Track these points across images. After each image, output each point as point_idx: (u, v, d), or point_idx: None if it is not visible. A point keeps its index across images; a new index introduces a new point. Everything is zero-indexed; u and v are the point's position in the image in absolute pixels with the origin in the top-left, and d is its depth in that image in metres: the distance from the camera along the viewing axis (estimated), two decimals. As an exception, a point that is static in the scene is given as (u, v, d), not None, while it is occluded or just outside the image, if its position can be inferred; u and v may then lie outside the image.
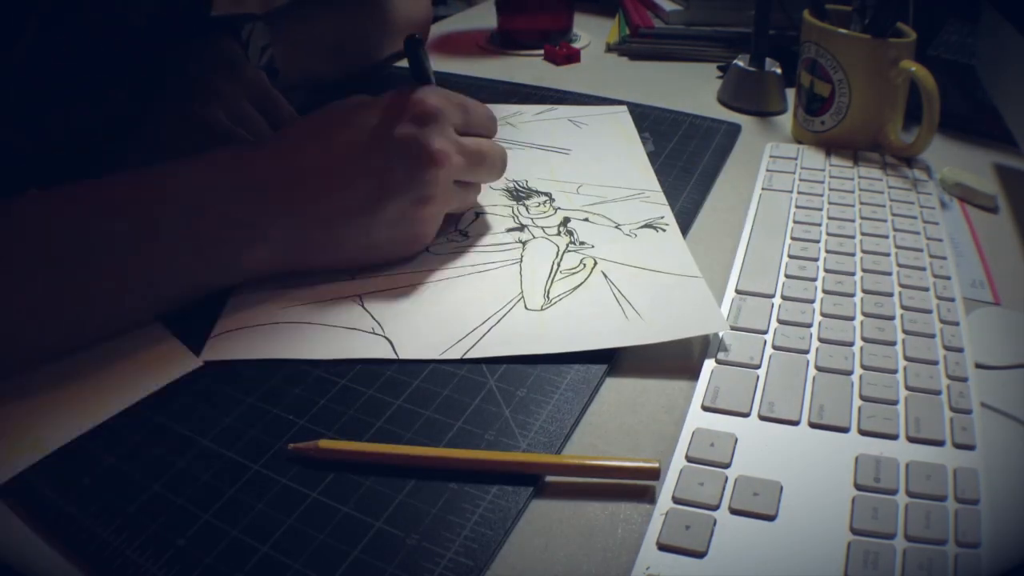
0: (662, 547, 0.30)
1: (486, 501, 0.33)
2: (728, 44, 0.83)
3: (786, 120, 0.69)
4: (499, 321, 0.43)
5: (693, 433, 0.35)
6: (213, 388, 0.39)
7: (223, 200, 0.41)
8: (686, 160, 0.61)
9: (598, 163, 0.60)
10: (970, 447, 0.34)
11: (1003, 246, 0.52)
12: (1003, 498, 0.32)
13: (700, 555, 0.30)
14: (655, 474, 0.34)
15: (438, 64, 0.82)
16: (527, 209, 0.53)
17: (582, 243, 0.49)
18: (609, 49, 0.88)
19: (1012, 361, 0.40)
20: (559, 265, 0.47)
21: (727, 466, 0.34)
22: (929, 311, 0.42)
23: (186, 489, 0.33)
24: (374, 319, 0.42)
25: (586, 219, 0.52)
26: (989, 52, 0.62)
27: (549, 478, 0.34)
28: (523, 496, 0.33)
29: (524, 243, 0.50)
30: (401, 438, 0.36)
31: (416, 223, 0.45)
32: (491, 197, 0.55)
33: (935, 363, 0.39)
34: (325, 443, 0.35)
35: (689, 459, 0.34)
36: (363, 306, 0.43)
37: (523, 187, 0.56)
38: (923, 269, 0.46)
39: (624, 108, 0.69)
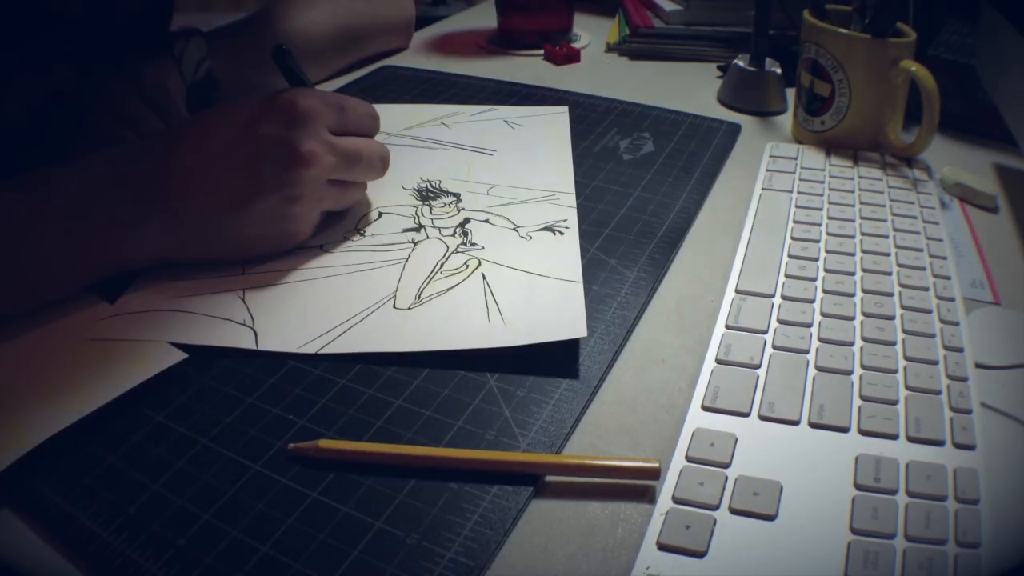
0: (662, 547, 0.30)
1: (486, 501, 0.33)
2: (728, 44, 0.83)
3: (786, 120, 0.69)
4: (363, 319, 0.43)
5: (693, 433, 0.35)
6: (213, 388, 0.39)
7: (102, 195, 0.43)
8: (686, 160, 0.61)
9: (518, 164, 0.60)
10: (970, 447, 0.34)
11: (1003, 246, 0.52)
12: (1003, 498, 0.32)
13: (700, 555, 0.30)
14: (655, 474, 0.34)
15: (439, 64, 0.83)
16: (431, 209, 0.54)
17: (473, 244, 0.50)
18: (609, 49, 0.88)
19: (1012, 361, 0.40)
20: (442, 266, 0.47)
21: (727, 466, 0.34)
22: (929, 311, 0.42)
23: (186, 489, 0.33)
24: (248, 311, 0.44)
25: (487, 220, 0.52)
26: (989, 52, 0.62)
27: (549, 478, 0.34)
28: (523, 496, 0.33)
29: (416, 243, 0.50)
30: (401, 438, 0.36)
31: (288, 220, 0.46)
32: (399, 197, 0.55)
33: (935, 363, 0.39)
34: (325, 443, 0.35)
35: (689, 459, 0.34)
36: (243, 300, 0.45)
37: (434, 187, 0.56)
38: (923, 269, 0.46)
39: (564, 109, 0.69)
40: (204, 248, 0.46)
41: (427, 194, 0.56)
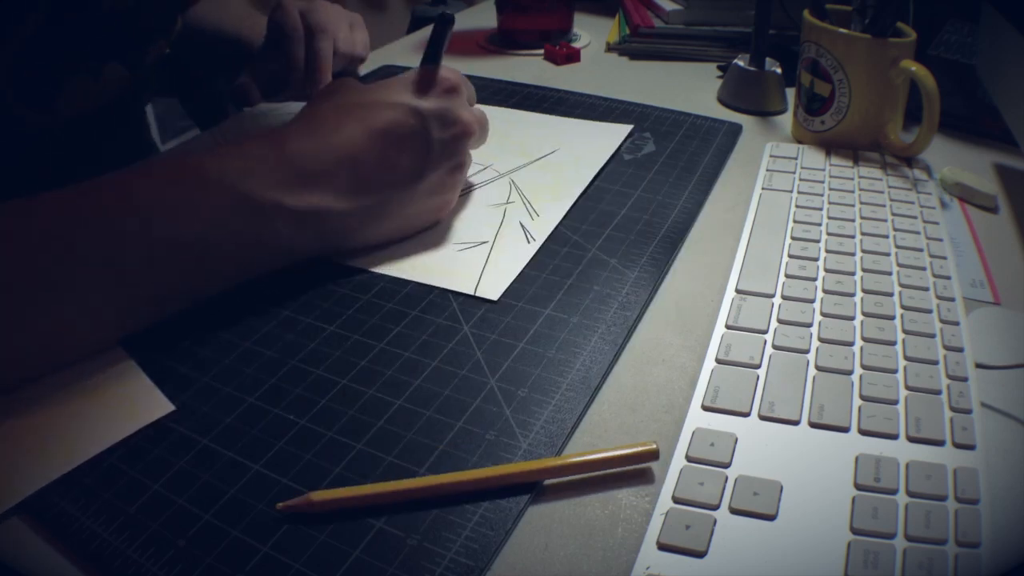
0: (662, 547, 0.30)
1: (487, 501, 0.33)
2: (728, 44, 0.83)
3: (786, 120, 0.69)
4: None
5: (693, 433, 0.35)
6: (215, 388, 0.39)
7: (264, 188, 0.41)
8: (687, 160, 0.61)
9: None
10: (970, 447, 0.34)
11: (1003, 246, 0.52)
12: (1003, 498, 0.32)
13: (700, 555, 0.30)
14: (655, 455, 0.34)
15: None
16: None
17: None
18: (609, 49, 0.88)
19: (1012, 361, 0.40)
20: None
21: (727, 466, 0.34)
22: (929, 311, 0.42)
23: (186, 489, 0.33)
24: None
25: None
26: (989, 52, 0.62)
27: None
28: (524, 497, 0.33)
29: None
30: (402, 438, 0.36)
31: (448, 189, 0.49)
32: None
33: (935, 363, 0.39)
34: (318, 495, 0.32)
35: (689, 459, 0.34)
36: None
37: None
38: (923, 269, 0.46)
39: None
40: (368, 233, 0.47)
41: None
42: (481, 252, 0.50)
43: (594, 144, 0.64)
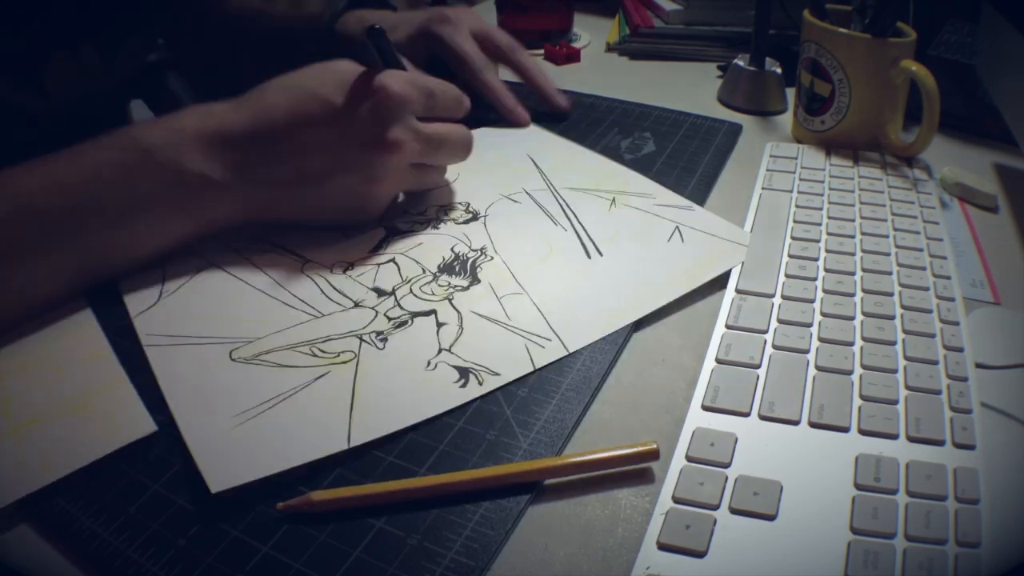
0: (662, 547, 0.30)
1: (488, 501, 0.33)
2: (728, 44, 0.83)
3: (786, 120, 0.69)
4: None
5: (693, 433, 0.35)
6: (213, 388, 0.39)
7: (189, 153, 0.43)
8: (687, 160, 0.61)
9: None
10: (970, 447, 0.34)
11: (1003, 246, 0.52)
12: (1003, 498, 0.32)
13: (700, 555, 0.30)
14: (655, 455, 0.34)
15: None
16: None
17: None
18: (609, 49, 0.88)
19: (1012, 361, 0.40)
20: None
21: (727, 466, 0.34)
22: (929, 311, 0.42)
23: (187, 489, 0.33)
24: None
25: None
26: (989, 52, 0.62)
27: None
28: (524, 496, 0.33)
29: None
30: (402, 438, 0.36)
31: (365, 199, 0.48)
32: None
33: (935, 363, 0.39)
34: (318, 495, 0.32)
35: (689, 459, 0.34)
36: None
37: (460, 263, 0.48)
38: (923, 269, 0.46)
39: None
40: (282, 211, 0.48)
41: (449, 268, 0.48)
42: (689, 232, 0.51)
43: (547, 141, 0.64)
